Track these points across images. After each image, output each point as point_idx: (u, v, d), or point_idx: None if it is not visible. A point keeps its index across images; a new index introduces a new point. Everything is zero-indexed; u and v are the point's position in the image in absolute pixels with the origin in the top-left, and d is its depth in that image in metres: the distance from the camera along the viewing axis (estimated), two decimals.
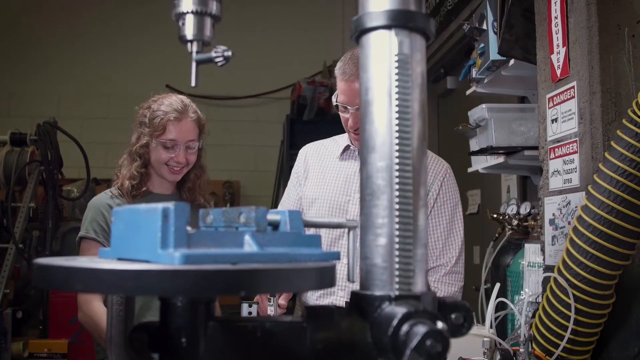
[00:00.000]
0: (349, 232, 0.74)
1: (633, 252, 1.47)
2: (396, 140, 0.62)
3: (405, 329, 0.55)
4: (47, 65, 5.47)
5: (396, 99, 0.62)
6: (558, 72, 1.83)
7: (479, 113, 2.43)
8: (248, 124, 5.64)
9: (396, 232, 0.61)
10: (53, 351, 2.94)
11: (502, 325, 2.06)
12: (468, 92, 2.72)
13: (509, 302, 1.62)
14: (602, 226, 1.44)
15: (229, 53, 0.65)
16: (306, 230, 0.69)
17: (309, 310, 0.62)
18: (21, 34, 5.44)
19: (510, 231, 2.43)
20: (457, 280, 1.92)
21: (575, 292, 1.48)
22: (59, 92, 5.49)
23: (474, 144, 2.60)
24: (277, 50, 5.54)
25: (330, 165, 2.04)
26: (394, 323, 0.56)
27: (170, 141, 1.96)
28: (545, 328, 1.54)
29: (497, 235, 2.54)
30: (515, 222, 2.40)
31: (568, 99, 1.78)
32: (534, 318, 1.61)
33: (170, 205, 0.58)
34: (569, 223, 1.75)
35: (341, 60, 1.90)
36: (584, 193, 1.62)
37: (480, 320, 2.21)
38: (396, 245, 0.62)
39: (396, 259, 0.61)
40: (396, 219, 0.62)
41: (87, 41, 5.49)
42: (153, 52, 5.43)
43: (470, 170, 2.82)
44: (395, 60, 0.63)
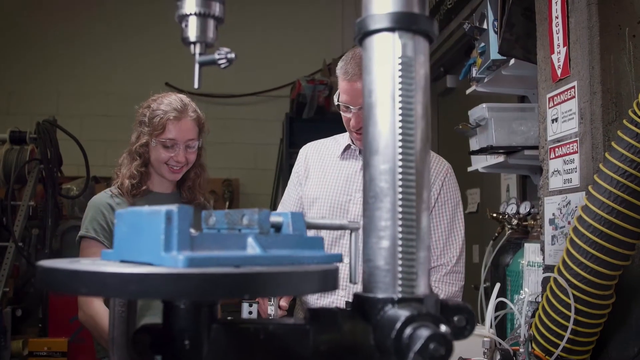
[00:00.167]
0: (351, 234, 0.74)
1: (633, 253, 1.47)
2: (399, 143, 0.62)
3: (408, 332, 0.55)
4: (47, 63, 5.46)
5: (399, 101, 0.62)
6: (558, 72, 1.83)
7: (479, 112, 2.43)
8: (247, 122, 5.63)
9: (399, 235, 0.62)
10: (53, 350, 2.95)
11: (502, 324, 2.06)
12: (468, 92, 2.72)
13: (509, 302, 1.62)
14: (602, 226, 1.44)
15: (232, 55, 0.65)
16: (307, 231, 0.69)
17: (312, 312, 0.62)
18: (20, 32, 5.43)
19: (509, 230, 2.43)
20: (458, 280, 1.92)
21: (575, 292, 1.48)
22: (59, 90, 5.48)
23: (474, 143, 2.60)
24: (277, 49, 5.53)
25: (331, 165, 2.04)
26: (397, 326, 0.56)
27: (169, 140, 1.96)
28: (545, 328, 1.55)
29: (497, 234, 2.54)
30: (514, 222, 2.40)
31: (568, 99, 1.78)
32: (533, 318, 1.61)
33: (174, 207, 0.58)
34: (569, 223, 1.75)
35: (342, 60, 1.90)
36: (584, 193, 1.62)
37: (479, 319, 2.21)
38: (399, 247, 0.62)
39: (399, 261, 0.61)
40: (399, 221, 0.62)
41: (87, 39, 5.48)
42: (152, 50, 5.42)
43: (470, 169, 2.82)
44: (399, 63, 0.62)
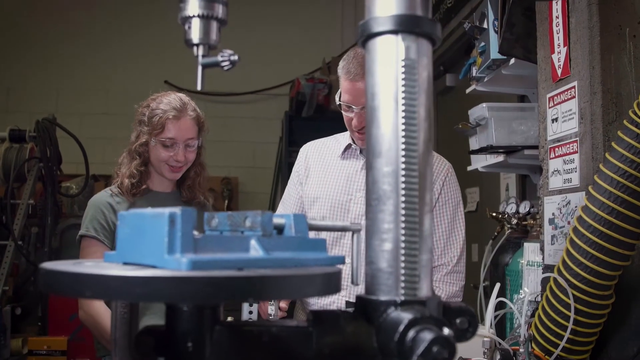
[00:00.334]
0: (353, 235, 0.74)
1: (633, 253, 1.47)
2: (402, 145, 0.62)
3: (411, 335, 0.55)
4: (46, 61, 5.45)
5: (402, 104, 0.62)
6: (559, 72, 1.83)
7: (479, 112, 2.43)
8: (247, 120, 5.63)
9: (402, 238, 0.62)
10: (52, 348, 2.95)
11: (501, 323, 2.07)
12: (468, 91, 2.72)
13: (509, 302, 1.62)
14: (602, 227, 1.45)
15: (236, 57, 0.65)
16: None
17: (315, 314, 0.62)
18: (20, 30, 5.42)
19: (509, 230, 2.43)
20: (459, 280, 1.93)
21: (575, 292, 1.48)
22: (58, 88, 5.47)
23: (473, 143, 2.60)
24: (276, 47, 5.52)
25: (332, 164, 2.03)
26: (400, 329, 0.56)
27: (169, 140, 1.96)
28: (544, 328, 1.55)
29: (496, 233, 2.55)
30: (514, 221, 2.41)
31: (569, 99, 1.78)
32: (533, 318, 1.62)
33: (177, 210, 0.58)
34: (569, 223, 1.75)
35: (344, 59, 1.89)
36: (584, 193, 1.62)
37: (479, 319, 2.22)
38: (402, 250, 0.62)
39: (402, 264, 0.62)
40: (402, 224, 0.62)
41: (86, 37, 5.47)
42: (152, 48, 5.42)
43: (469, 168, 2.82)
44: (402, 66, 0.63)
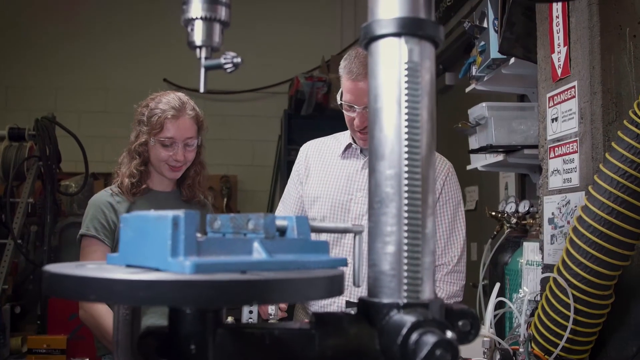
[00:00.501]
0: (355, 237, 0.74)
1: (632, 253, 1.48)
2: (405, 148, 0.62)
3: (414, 338, 0.55)
4: (45, 60, 5.44)
5: (405, 107, 0.62)
6: (559, 72, 1.83)
7: (478, 111, 2.43)
8: (246, 118, 5.63)
9: (405, 240, 0.62)
10: (52, 347, 2.94)
11: (500, 323, 2.07)
12: (468, 90, 2.73)
13: (508, 302, 1.62)
14: (602, 227, 1.45)
15: (239, 60, 0.65)
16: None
17: (318, 317, 0.62)
18: (19, 28, 5.41)
19: (508, 229, 2.43)
20: (459, 280, 1.93)
21: (574, 292, 1.48)
22: (57, 86, 5.46)
23: (473, 142, 2.60)
24: (275, 45, 5.52)
25: (332, 164, 2.03)
26: (403, 332, 0.56)
27: (168, 139, 1.96)
28: (544, 327, 1.55)
29: (496, 232, 2.55)
30: (513, 220, 2.41)
31: (568, 99, 1.78)
32: (532, 317, 1.62)
33: (181, 213, 0.58)
34: (568, 222, 1.75)
35: (345, 59, 1.88)
36: (583, 193, 1.63)
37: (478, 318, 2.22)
38: (405, 253, 0.62)
39: (404, 266, 0.62)
40: (405, 227, 0.62)
41: (85, 35, 5.46)
42: (151, 47, 5.41)
43: (469, 167, 2.82)
44: (405, 68, 0.63)
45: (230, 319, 1.47)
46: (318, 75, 5.12)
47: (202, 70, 0.67)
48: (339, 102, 1.91)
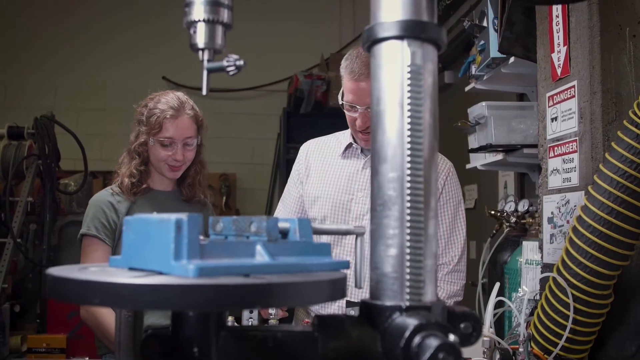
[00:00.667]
0: (357, 238, 0.75)
1: (632, 253, 1.48)
2: (408, 151, 0.62)
3: (417, 341, 0.56)
4: (44, 58, 5.42)
5: (408, 110, 0.63)
6: (559, 71, 1.83)
7: (478, 110, 2.43)
8: (245, 116, 5.62)
9: (407, 243, 0.62)
10: (52, 346, 2.94)
11: (499, 322, 2.07)
12: (467, 89, 2.73)
13: (508, 301, 1.63)
14: (602, 227, 1.45)
15: (241, 62, 0.65)
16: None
17: (320, 319, 0.63)
18: (17, 27, 5.39)
19: (508, 228, 2.44)
20: (460, 279, 1.93)
21: (574, 292, 1.49)
22: (55, 85, 5.45)
23: (472, 141, 2.61)
24: (274, 43, 5.51)
25: (333, 163, 2.03)
26: (406, 335, 0.56)
27: (167, 139, 1.96)
28: (543, 327, 1.56)
29: (495, 231, 2.55)
30: (513, 219, 2.41)
31: (568, 98, 1.79)
32: (532, 316, 1.62)
33: (184, 216, 0.58)
34: (568, 222, 1.76)
35: (347, 59, 1.87)
36: (583, 193, 1.63)
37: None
38: (407, 256, 0.62)
39: (407, 269, 0.62)
40: (407, 229, 0.62)
41: (84, 34, 5.45)
42: (149, 45, 5.40)
43: (468, 166, 2.83)
44: (408, 72, 0.63)
45: (230, 319, 1.47)
46: (317, 73, 5.11)
47: (205, 73, 0.67)
48: (340, 102, 1.90)
